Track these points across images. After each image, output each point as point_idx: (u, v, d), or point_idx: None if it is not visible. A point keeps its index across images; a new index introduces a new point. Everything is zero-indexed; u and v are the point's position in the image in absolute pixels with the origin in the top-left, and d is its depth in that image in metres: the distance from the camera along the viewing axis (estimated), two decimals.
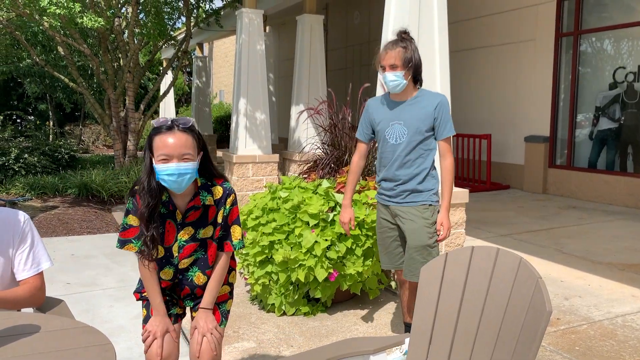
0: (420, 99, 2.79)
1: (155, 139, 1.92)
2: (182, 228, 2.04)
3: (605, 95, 7.84)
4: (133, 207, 2.01)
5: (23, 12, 7.41)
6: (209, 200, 2.05)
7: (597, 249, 5.23)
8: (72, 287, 4.36)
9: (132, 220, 2.01)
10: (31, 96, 17.82)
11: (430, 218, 2.83)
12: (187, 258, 2.07)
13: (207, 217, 2.06)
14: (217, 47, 26.45)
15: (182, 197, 2.03)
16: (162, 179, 1.91)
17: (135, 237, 2.01)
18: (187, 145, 1.91)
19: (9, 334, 1.57)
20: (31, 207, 7.41)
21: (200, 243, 2.08)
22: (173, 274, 2.10)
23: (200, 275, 2.11)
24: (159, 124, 1.94)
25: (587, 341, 3.22)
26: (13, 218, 2.02)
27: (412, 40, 2.72)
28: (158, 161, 1.90)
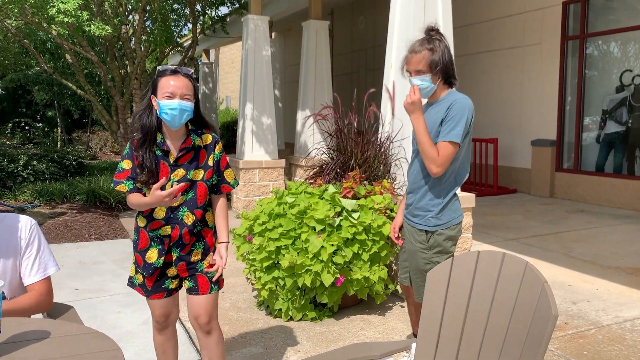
0: (443, 101, 2.51)
1: (161, 80, 2.20)
2: (175, 169, 2.28)
3: (612, 99, 7.82)
4: (129, 150, 2.29)
5: (31, 20, 7.49)
6: (199, 141, 2.31)
7: (605, 253, 5.21)
8: (81, 293, 4.39)
9: (125, 164, 2.29)
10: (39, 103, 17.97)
11: (425, 243, 2.55)
12: (179, 196, 2.24)
13: (197, 161, 2.31)
14: (223, 53, 26.57)
15: (175, 139, 2.28)
16: (165, 112, 2.18)
17: (126, 178, 2.27)
18: (188, 87, 2.21)
19: (20, 339, 1.59)
20: (40, 213, 7.46)
21: (191, 184, 2.30)
22: (165, 212, 2.30)
23: (189, 214, 2.31)
24: (164, 68, 2.22)
25: (596, 346, 3.21)
26: (20, 224, 2.05)
27: (441, 39, 2.47)
28: (162, 97, 2.17)
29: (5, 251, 1.99)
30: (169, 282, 2.39)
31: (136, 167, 2.25)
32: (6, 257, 2.00)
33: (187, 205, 2.31)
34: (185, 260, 2.35)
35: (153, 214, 2.30)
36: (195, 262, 2.36)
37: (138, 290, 2.41)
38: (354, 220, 3.57)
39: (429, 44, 2.45)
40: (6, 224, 2.03)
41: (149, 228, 2.33)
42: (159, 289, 2.38)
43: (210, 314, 2.41)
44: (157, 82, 2.22)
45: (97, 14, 8.21)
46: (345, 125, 4.87)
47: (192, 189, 2.30)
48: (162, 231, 2.31)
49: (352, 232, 3.51)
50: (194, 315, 2.40)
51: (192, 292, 2.38)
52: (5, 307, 1.91)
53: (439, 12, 4.01)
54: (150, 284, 2.36)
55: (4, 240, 2.00)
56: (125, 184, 2.27)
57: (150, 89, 2.25)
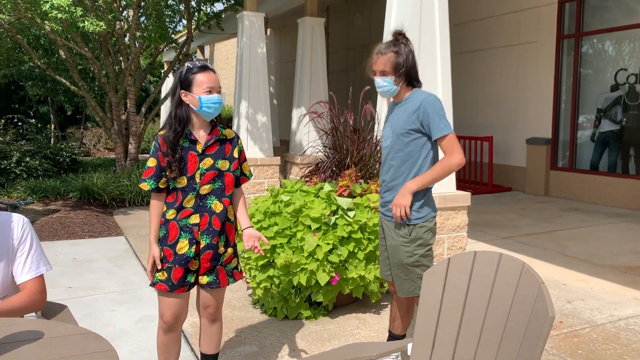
0: (408, 100, 2.63)
1: (198, 75, 2.32)
2: (202, 158, 2.38)
3: (607, 97, 7.84)
4: (154, 149, 2.38)
5: (25, 15, 7.43)
6: (226, 132, 2.46)
7: (599, 252, 5.22)
8: (74, 291, 4.36)
9: (150, 162, 2.38)
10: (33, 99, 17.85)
11: (407, 236, 2.62)
12: (208, 184, 2.39)
13: (224, 152, 2.44)
14: (218, 49, 26.48)
15: (203, 129, 2.41)
16: (207, 106, 2.32)
17: (149, 177, 2.37)
18: (219, 82, 2.38)
19: (12, 340, 1.57)
20: (33, 210, 7.41)
21: (219, 173, 2.41)
22: (195, 200, 2.38)
23: (217, 202, 2.41)
24: (199, 64, 2.34)
25: (590, 344, 3.22)
26: (12, 222, 2.03)
27: (406, 43, 2.58)
28: (203, 92, 2.31)
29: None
30: (190, 277, 2.43)
31: (161, 165, 2.35)
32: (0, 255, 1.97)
33: (215, 194, 2.41)
34: (212, 250, 2.40)
35: (183, 203, 2.38)
36: (221, 254, 2.44)
37: (161, 287, 2.40)
38: (349, 218, 3.56)
39: (395, 47, 2.57)
40: None
41: (179, 217, 2.38)
42: (183, 283, 2.41)
43: (219, 304, 2.55)
44: (192, 78, 2.32)
45: (91, 9, 8.15)
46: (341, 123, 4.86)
47: (220, 178, 2.41)
48: (191, 219, 2.38)
49: (347, 230, 3.50)
50: (205, 304, 2.51)
51: (213, 286, 2.45)
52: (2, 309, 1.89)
53: (435, 9, 4.00)
54: (178, 277, 2.38)
55: None
56: (147, 182, 2.38)
57: (179, 85, 2.35)
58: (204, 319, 2.57)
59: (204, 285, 2.47)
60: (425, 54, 3.97)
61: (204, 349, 2.62)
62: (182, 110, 2.36)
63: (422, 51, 3.96)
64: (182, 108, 2.36)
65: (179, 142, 2.35)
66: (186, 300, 2.49)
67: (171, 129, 2.35)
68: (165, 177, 2.38)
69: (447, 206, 4.05)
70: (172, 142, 2.33)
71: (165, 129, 2.39)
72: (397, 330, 2.95)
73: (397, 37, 2.61)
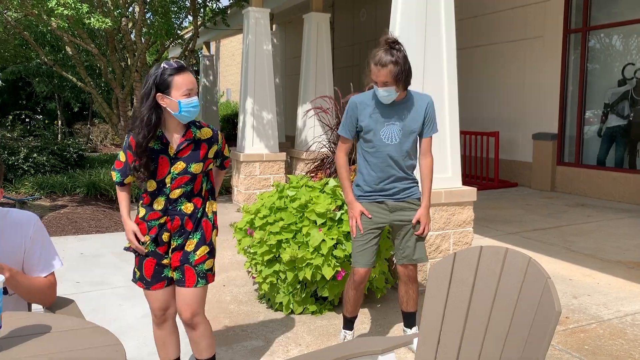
0: (409, 99, 2.86)
1: (177, 78, 2.19)
2: (174, 162, 2.29)
3: (614, 92, 7.79)
4: (125, 145, 2.32)
5: (31, 12, 7.45)
6: (199, 134, 2.33)
7: (606, 247, 5.20)
8: (81, 285, 4.39)
9: (121, 156, 2.36)
10: (40, 96, 17.93)
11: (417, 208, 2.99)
12: (179, 189, 2.31)
13: (198, 154, 2.32)
14: (224, 45, 26.48)
15: (175, 132, 2.30)
16: (187, 111, 2.21)
17: (118, 169, 2.35)
18: (195, 83, 2.26)
19: (20, 334, 1.59)
20: (40, 206, 7.46)
21: (191, 177, 2.31)
22: (164, 203, 2.33)
23: (187, 204, 2.34)
24: (175, 65, 2.20)
25: (597, 340, 3.21)
26: (23, 220, 2.04)
27: (401, 50, 2.72)
28: (182, 96, 2.19)
29: (9, 248, 1.98)
30: (167, 271, 2.40)
31: (130, 165, 2.30)
32: (10, 254, 1.98)
33: (185, 196, 2.34)
34: (181, 250, 2.36)
35: (152, 205, 2.33)
36: (189, 252, 2.36)
37: (139, 285, 2.42)
38: None
39: (392, 56, 2.68)
40: (9, 221, 2.01)
41: (147, 218, 2.35)
42: (159, 278, 2.39)
43: (193, 309, 2.39)
44: (170, 80, 2.19)
45: (97, 6, 8.17)
46: None
47: (192, 182, 2.33)
48: (160, 221, 2.34)
49: None
50: (178, 310, 2.43)
51: (179, 284, 2.39)
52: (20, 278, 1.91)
53: (441, 3, 3.98)
54: (150, 272, 2.37)
55: (8, 237, 1.99)
56: (115, 174, 2.37)
57: (154, 87, 2.20)
58: (184, 325, 2.46)
59: (175, 283, 2.42)
60: (431, 49, 3.96)
61: (195, 354, 2.54)
62: (156, 114, 2.22)
63: (427, 46, 3.95)
64: (156, 111, 2.22)
65: (148, 146, 2.24)
66: (170, 293, 2.44)
67: (139, 134, 2.22)
68: (132, 176, 2.33)
69: (453, 201, 4.04)
70: (139, 145, 2.22)
71: (134, 131, 2.26)
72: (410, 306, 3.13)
73: (390, 45, 2.70)
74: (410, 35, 3.94)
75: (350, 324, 3.16)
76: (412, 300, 3.10)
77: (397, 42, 2.73)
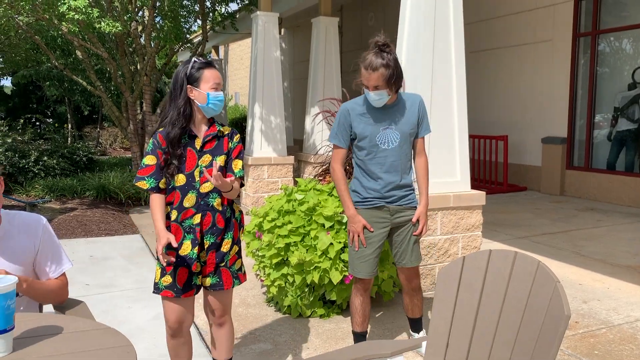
0: (402, 102, 2.81)
1: (206, 72, 2.29)
2: (201, 155, 2.34)
3: (624, 96, 7.74)
4: (153, 146, 2.32)
5: (42, 17, 7.53)
6: (222, 129, 2.40)
7: (616, 252, 5.17)
8: (91, 288, 4.42)
9: (149, 160, 2.31)
10: (50, 99, 18.08)
11: None
12: (207, 182, 2.32)
13: (222, 147, 2.38)
14: (232, 49, 26.59)
15: (202, 126, 2.37)
16: (213, 103, 2.30)
17: (148, 175, 2.29)
18: (222, 78, 2.36)
19: (32, 335, 1.60)
20: (50, 209, 7.52)
21: (220, 169, 2.31)
22: (195, 199, 2.32)
23: (218, 199, 2.36)
24: (204, 60, 2.31)
25: (607, 345, 3.19)
26: (31, 223, 2.05)
27: (391, 52, 2.65)
28: (210, 89, 2.29)
29: (20, 249, 2.00)
30: (196, 279, 2.39)
31: (161, 164, 2.29)
32: (21, 256, 2.00)
33: (217, 191, 2.35)
34: (216, 249, 2.36)
35: (183, 203, 2.31)
36: (224, 253, 2.39)
37: (167, 294, 2.34)
38: None
39: (382, 59, 2.62)
40: (18, 224, 2.02)
41: (181, 219, 2.32)
42: (190, 286, 2.36)
43: (227, 308, 2.48)
44: (200, 73, 2.28)
45: (108, 10, 8.24)
46: None
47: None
48: (194, 219, 2.32)
49: None
50: (211, 308, 2.47)
51: (216, 288, 2.40)
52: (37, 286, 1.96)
53: (450, 8, 3.98)
54: (183, 280, 2.33)
55: (18, 239, 2.00)
56: (147, 181, 2.29)
57: (185, 79, 2.29)
58: (212, 324, 2.53)
59: (207, 288, 2.42)
60: (439, 52, 3.96)
61: (214, 355, 2.57)
62: (188, 107, 2.31)
63: (436, 50, 3.95)
64: (188, 104, 2.31)
65: (182, 139, 2.31)
66: (190, 305, 2.44)
67: (175, 125, 2.28)
68: (165, 177, 2.31)
69: (461, 205, 4.03)
70: (176, 137, 2.28)
71: (165, 126, 2.32)
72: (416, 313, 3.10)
73: (380, 48, 2.64)
74: (419, 39, 3.94)
75: (362, 339, 2.99)
76: (417, 307, 3.07)
77: (388, 45, 2.65)
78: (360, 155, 2.82)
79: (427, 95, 3.93)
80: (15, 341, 1.54)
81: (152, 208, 2.32)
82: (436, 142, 3.98)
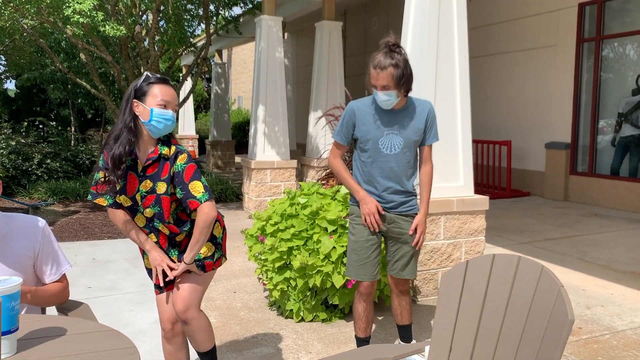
0: (410, 106, 2.75)
1: (154, 87, 2.14)
2: (142, 180, 2.21)
3: (628, 101, 7.73)
4: (103, 162, 2.20)
5: (47, 20, 7.57)
6: (166, 151, 2.20)
7: (620, 258, 5.15)
8: (94, 291, 4.42)
9: (101, 175, 2.21)
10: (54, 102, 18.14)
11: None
12: (149, 208, 2.22)
13: (161, 173, 2.20)
14: (235, 53, 26.66)
15: (145, 148, 2.21)
16: (157, 121, 2.13)
17: (104, 192, 2.21)
18: (176, 99, 2.21)
19: (36, 336, 1.60)
20: (53, 211, 7.53)
21: (156, 197, 2.21)
22: (145, 220, 2.28)
23: (163, 226, 2.27)
24: (159, 76, 2.17)
25: (610, 351, 3.17)
26: (30, 225, 2.04)
27: (401, 53, 2.62)
28: (157, 105, 2.12)
29: (20, 251, 1.99)
30: None
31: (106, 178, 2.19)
32: (20, 257, 1.99)
33: (158, 218, 2.25)
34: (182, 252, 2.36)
35: (135, 220, 2.30)
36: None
37: (156, 292, 2.45)
38: None
39: (392, 59, 2.58)
40: (16, 225, 2.01)
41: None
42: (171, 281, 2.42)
43: (186, 301, 2.30)
44: (148, 88, 2.14)
45: (112, 14, 8.27)
46: None
47: (158, 203, 2.21)
48: (151, 237, 2.35)
49: None
50: (174, 302, 2.34)
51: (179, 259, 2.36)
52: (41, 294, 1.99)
53: (454, 13, 3.99)
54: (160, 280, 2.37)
55: (17, 241, 1.99)
56: (105, 197, 2.25)
57: (133, 92, 2.15)
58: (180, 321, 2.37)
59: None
60: (443, 57, 3.96)
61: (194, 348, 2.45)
62: (134, 122, 2.15)
63: (440, 54, 3.96)
64: (134, 120, 2.15)
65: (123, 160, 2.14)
66: None
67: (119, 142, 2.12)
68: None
69: (465, 210, 4.03)
70: (118, 158, 2.12)
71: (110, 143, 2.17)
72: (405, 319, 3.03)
73: (390, 48, 2.60)
74: (422, 43, 3.95)
75: (365, 344, 2.96)
76: (407, 311, 2.99)
77: (398, 45, 2.62)
78: (363, 157, 2.77)
79: (431, 99, 3.93)
80: (19, 342, 1.54)
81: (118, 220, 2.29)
82: (439, 146, 3.98)
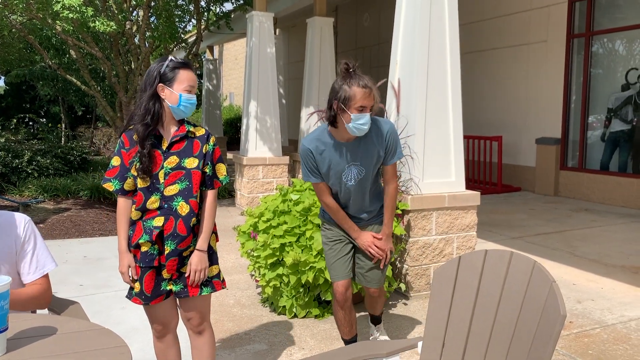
0: (369, 133, 2.58)
1: (182, 72, 2.20)
2: (167, 157, 2.24)
3: (618, 97, 7.78)
4: (118, 147, 2.26)
5: (36, 16, 7.49)
6: (193, 130, 2.30)
7: (609, 252, 5.19)
8: (85, 288, 4.40)
9: (115, 161, 2.26)
10: (44, 99, 17.99)
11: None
12: (172, 185, 2.23)
13: (191, 149, 2.28)
14: (227, 49, 26.56)
15: (169, 126, 2.27)
16: (185, 106, 2.22)
17: (114, 176, 2.25)
18: (197, 81, 2.28)
19: (26, 335, 1.59)
20: (44, 209, 7.48)
21: (185, 172, 2.25)
22: (159, 201, 2.23)
23: (183, 204, 2.24)
24: (182, 60, 2.23)
25: (601, 345, 3.20)
26: (13, 222, 2.00)
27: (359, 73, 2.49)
28: (184, 91, 2.20)
29: (3, 248, 1.96)
30: (165, 284, 2.28)
31: (125, 165, 2.22)
32: (3, 256, 1.96)
33: (182, 195, 2.23)
34: (177, 256, 2.24)
35: (147, 205, 2.22)
36: (185, 257, 2.28)
37: (136, 301, 2.28)
38: None
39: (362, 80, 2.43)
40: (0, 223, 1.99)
41: (144, 217, 2.25)
42: (158, 292, 2.26)
43: (202, 315, 2.37)
44: (174, 74, 2.19)
45: (102, 10, 8.21)
46: None
47: (187, 178, 2.24)
48: (155, 222, 2.22)
49: None
50: (185, 316, 2.38)
51: (181, 295, 2.30)
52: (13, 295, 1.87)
53: (445, 8, 3.99)
54: (150, 287, 2.24)
55: (0, 239, 1.97)
56: (112, 182, 2.25)
57: (158, 77, 2.20)
58: (189, 331, 2.42)
59: (175, 295, 2.31)
60: (435, 53, 3.97)
61: None
62: (156, 105, 2.21)
63: (431, 50, 3.96)
64: (157, 102, 2.21)
65: (148, 137, 2.20)
66: (171, 306, 2.37)
67: (142, 123, 2.19)
68: (131, 177, 2.22)
69: (456, 206, 4.04)
70: (142, 136, 2.17)
71: (132, 126, 2.24)
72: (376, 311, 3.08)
73: (347, 69, 2.45)
74: (414, 40, 3.95)
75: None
76: (379, 305, 3.04)
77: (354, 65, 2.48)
78: (328, 183, 2.68)
79: (423, 94, 3.93)
80: (9, 342, 1.53)
81: (117, 219, 2.30)
82: (431, 142, 3.99)
